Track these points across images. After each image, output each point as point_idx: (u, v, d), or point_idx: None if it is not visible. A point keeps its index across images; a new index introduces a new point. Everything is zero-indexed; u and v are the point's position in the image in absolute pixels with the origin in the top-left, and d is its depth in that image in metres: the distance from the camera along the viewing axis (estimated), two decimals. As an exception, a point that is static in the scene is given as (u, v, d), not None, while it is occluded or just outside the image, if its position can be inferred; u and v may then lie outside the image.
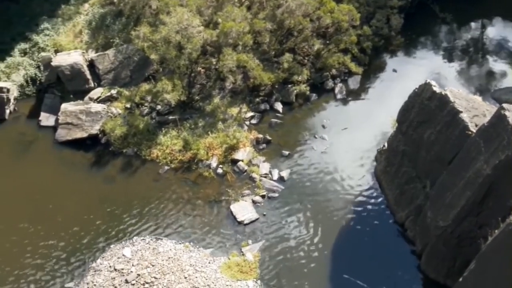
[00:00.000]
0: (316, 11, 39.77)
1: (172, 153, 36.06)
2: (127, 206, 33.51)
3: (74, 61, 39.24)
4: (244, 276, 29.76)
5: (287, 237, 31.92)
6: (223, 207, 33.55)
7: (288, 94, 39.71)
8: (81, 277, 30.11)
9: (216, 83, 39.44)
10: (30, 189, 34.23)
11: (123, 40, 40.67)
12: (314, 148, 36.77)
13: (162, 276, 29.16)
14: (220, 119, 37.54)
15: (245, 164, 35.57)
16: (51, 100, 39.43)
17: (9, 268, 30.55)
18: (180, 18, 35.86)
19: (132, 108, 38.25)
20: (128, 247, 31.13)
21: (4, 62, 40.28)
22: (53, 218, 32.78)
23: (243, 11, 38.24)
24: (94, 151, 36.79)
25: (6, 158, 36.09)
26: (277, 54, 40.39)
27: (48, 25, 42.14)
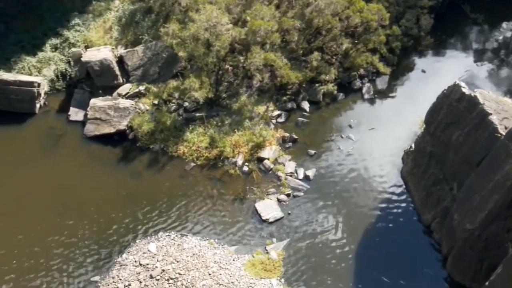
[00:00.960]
0: (345, 10, 39.65)
1: (198, 150, 36.24)
2: (153, 201, 33.76)
3: (104, 57, 39.62)
4: (268, 274, 29.82)
5: (312, 236, 31.90)
6: (248, 205, 33.64)
7: (315, 93, 39.65)
8: (107, 271, 30.44)
9: (243, 81, 39.52)
10: (58, 183, 34.65)
11: (152, 37, 40.97)
12: (341, 148, 36.66)
13: (187, 272, 29.34)
14: (247, 117, 37.63)
15: (271, 163, 35.60)
16: (81, 95, 39.85)
17: (37, 260, 30.99)
18: (209, 15, 36.01)
19: (160, 105, 38.51)
20: (153, 243, 31.38)
21: (35, 57, 40.79)
22: (80, 212, 33.15)
23: (272, 10, 38.23)
24: (121, 147, 37.11)
25: (36, 151, 36.57)
26: (305, 53, 40.34)
27: (79, 21, 42.64)
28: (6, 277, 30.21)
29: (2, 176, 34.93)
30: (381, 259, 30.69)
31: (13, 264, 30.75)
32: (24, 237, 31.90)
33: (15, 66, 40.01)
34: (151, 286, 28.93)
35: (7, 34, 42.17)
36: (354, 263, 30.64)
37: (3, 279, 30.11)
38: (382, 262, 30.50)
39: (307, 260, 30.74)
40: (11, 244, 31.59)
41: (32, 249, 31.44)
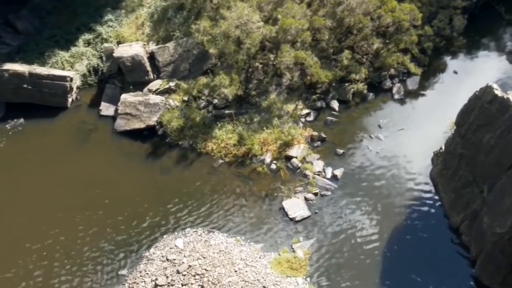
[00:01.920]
0: (376, 10, 39.43)
1: (226, 147, 36.39)
2: (181, 197, 34.01)
3: (135, 52, 40.00)
4: (294, 273, 29.84)
5: (339, 236, 31.82)
6: (275, 203, 33.69)
7: (345, 92, 39.51)
8: (134, 265, 30.78)
9: (273, 79, 39.53)
10: (88, 177, 35.11)
11: (183, 34, 41.24)
12: (369, 148, 36.48)
13: (213, 269, 29.51)
14: (276, 115, 37.66)
15: (298, 161, 35.60)
16: (112, 91, 40.29)
17: (66, 253, 31.47)
18: (240, 13, 36.11)
19: (190, 101, 38.73)
20: (180, 238, 31.63)
21: (68, 52, 41.39)
22: (109, 206, 33.57)
23: (303, 8, 38.21)
24: (151, 142, 37.42)
25: (67, 145, 37.12)
26: (336, 52, 40.21)
27: (111, 17, 43.15)
28: (38, 264, 30.82)
29: (36, 168, 35.56)
30: (409, 260, 30.49)
31: (44, 254, 31.31)
32: (55, 228, 32.41)
33: (48, 60, 40.65)
34: (178, 281, 29.16)
35: (41, 29, 42.95)
36: (381, 263, 30.50)
37: (36, 266, 30.72)
38: (410, 264, 30.30)
39: (333, 260, 30.69)
40: (43, 234, 32.15)
41: (62, 240, 31.95)
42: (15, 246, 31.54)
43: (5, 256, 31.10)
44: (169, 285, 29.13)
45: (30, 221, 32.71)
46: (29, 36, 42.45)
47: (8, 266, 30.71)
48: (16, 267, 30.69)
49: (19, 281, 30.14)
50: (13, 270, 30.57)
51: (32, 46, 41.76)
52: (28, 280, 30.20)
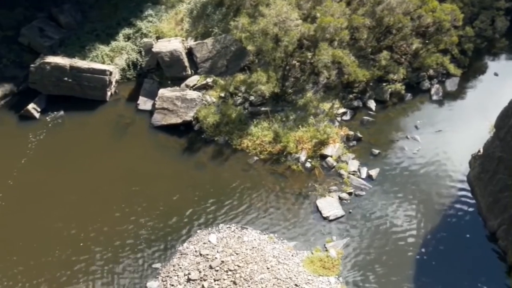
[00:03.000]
0: (417, 10, 39.00)
1: (262, 144, 36.49)
2: (215, 193, 34.25)
3: (174, 48, 40.35)
4: (326, 272, 29.81)
5: (372, 236, 31.68)
6: (309, 201, 33.69)
7: (382, 92, 39.25)
8: (168, 259, 31.14)
9: (310, 77, 39.49)
10: (125, 170, 35.65)
11: (221, 30, 41.46)
12: (406, 149, 36.17)
13: (245, 265, 29.66)
14: (312, 113, 37.63)
15: (333, 160, 35.50)
16: (150, 85, 40.75)
17: (101, 245, 32.00)
18: (279, 10, 36.17)
19: (226, 97, 38.93)
20: (214, 234, 31.87)
21: (108, 46, 42.04)
22: (145, 200, 34.01)
23: (342, 7, 38.07)
24: (187, 137, 37.74)
25: (106, 138, 37.74)
26: (374, 51, 39.95)
27: (151, 12, 43.63)
28: (75, 255, 31.40)
29: (74, 160, 36.22)
30: (442, 263, 30.22)
31: (81, 245, 31.89)
32: (92, 220, 32.97)
33: (89, 54, 41.35)
34: (210, 276, 29.39)
35: (83, 23, 43.75)
36: (415, 265, 30.26)
37: (73, 256, 31.36)
38: (443, 267, 30.03)
39: (366, 260, 30.56)
40: (79, 225, 32.77)
41: (99, 232, 32.50)
42: (52, 237, 32.20)
43: (44, 245, 31.79)
44: (202, 280, 29.39)
45: (67, 213, 33.35)
46: (71, 29, 43.24)
47: (47, 255, 31.39)
48: (53, 256, 31.36)
49: (59, 268, 30.78)
50: (50, 259, 31.26)
51: (73, 39, 42.54)
52: (66, 269, 30.81)
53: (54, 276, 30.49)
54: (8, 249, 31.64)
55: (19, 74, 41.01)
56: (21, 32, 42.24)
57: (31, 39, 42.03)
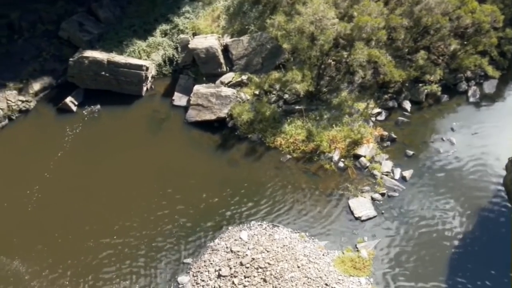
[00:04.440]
0: (456, 10, 38.40)
1: (295, 143, 36.48)
2: (248, 190, 34.39)
3: (210, 45, 40.57)
4: (357, 272, 29.72)
5: (404, 238, 31.44)
6: (341, 201, 33.58)
7: (418, 93, 38.86)
8: (199, 255, 31.42)
9: (345, 77, 39.32)
10: (159, 165, 36.01)
11: (258, 28, 41.54)
12: (441, 151, 35.75)
13: (276, 263, 29.74)
14: (346, 112, 37.48)
15: (367, 160, 35.32)
16: (185, 81, 41.05)
17: (134, 239, 32.46)
18: (316, 9, 36.01)
19: (261, 95, 39.01)
20: (245, 231, 32.01)
21: (146, 41, 42.49)
22: (178, 194, 34.36)
23: (380, 6, 37.73)
24: (220, 134, 37.93)
25: (141, 133, 38.17)
26: (411, 51, 39.56)
27: (189, 9, 43.97)
28: (108, 248, 31.99)
29: (109, 154, 36.80)
30: (475, 267, 29.86)
31: (114, 238, 32.42)
32: (126, 213, 33.49)
33: (126, 49, 41.86)
34: (241, 273, 29.56)
35: (121, 18, 44.30)
36: (447, 269, 29.95)
37: (106, 249, 31.94)
38: (477, 272, 29.65)
39: (398, 262, 30.37)
40: (114, 219, 33.33)
41: (132, 225, 32.99)
42: (86, 229, 32.80)
43: (78, 237, 32.39)
44: (232, 276, 29.58)
45: (101, 206, 33.91)
46: (110, 24, 43.83)
47: (80, 247, 32.00)
48: (86, 248, 31.92)
49: (91, 260, 31.38)
50: (83, 251, 31.86)
51: (111, 34, 43.12)
52: (99, 262, 31.39)
53: (86, 268, 31.05)
54: (44, 240, 32.33)
55: (58, 68, 41.79)
56: (61, 26, 43.00)
57: (70, 34, 42.76)
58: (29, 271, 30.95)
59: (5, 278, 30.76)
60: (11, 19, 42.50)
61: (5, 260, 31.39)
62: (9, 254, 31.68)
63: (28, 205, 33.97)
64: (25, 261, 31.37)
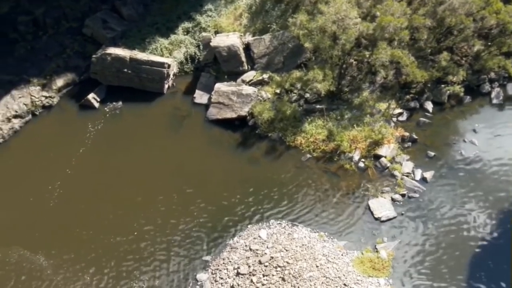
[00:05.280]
0: (480, 11, 37.99)
1: (315, 142, 36.45)
2: (267, 189, 34.43)
3: (232, 43, 40.65)
4: (376, 273, 29.65)
5: (424, 240, 31.27)
6: (361, 201, 33.50)
7: (440, 94, 38.57)
8: (218, 252, 31.59)
9: (366, 77, 39.17)
10: (180, 162, 36.25)
11: (280, 26, 41.52)
12: (462, 153, 35.44)
13: (295, 262, 29.77)
14: (367, 113, 37.35)
15: (387, 161, 35.16)
16: (206, 79, 41.19)
17: (154, 235, 32.73)
18: (338, 8, 35.92)
19: (282, 94, 39.01)
20: (264, 229, 32.08)
21: (168, 39, 42.70)
22: (197, 192, 34.55)
23: (403, 6, 37.46)
24: (241, 132, 38.04)
25: (162, 130, 38.43)
26: (433, 52, 39.25)
27: (211, 7, 44.12)
28: (128, 244, 32.30)
29: (131, 151, 37.13)
30: (498, 269, 29.65)
31: (135, 234, 32.74)
32: (146, 210, 33.78)
33: (149, 46, 42.13)
34: (259, 271, 29.64)
35: (145, 15, 44.62)
36: (468, 272, 29.72)
37: (128, 241, 32.33)
38: (499, 273, 29.45)
39: (418, 263, 30.25)
40: (132, 215, 33.66)
41: (153, 221, 33.28)
42: (106, 225, 33.17)
43: (99, 233, 32.78)
44: (251, 275, 29.67)
45: (121, 203, 34.26)
46: (133, 22, 44.18)
47: (100, 242, 32.38)
48: (106, 244, 32.28)
49: (112, 256, 31.76)
50: (104, 247, 32.24)
51: (134, 32, 43.43)
52: (119, 257, 31.70)
53: (107, 262, 31.40)
54: (66, 235, 32.73)
55: (82, 64, 42.27)
56: (85, 23, 43.48)
57: (94, 30, 43.18)
58: (52, 265, 31.38)
59: (29, 271, 31.29)
60: (36, 16, 43.02)
61: (28, 254, 31.86)
62: (32, 248, 32.15)
63: (50, 200, 34.43)
64: (47, 255, 31.85)
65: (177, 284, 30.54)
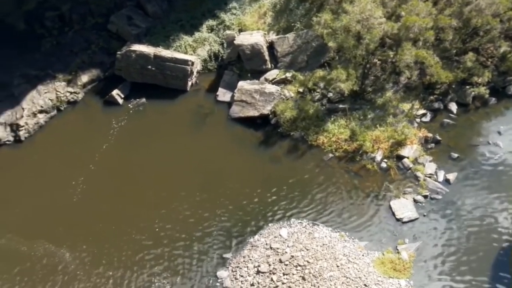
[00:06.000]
0: (507, 12, 37.55)
1: (337, 142, 36.36)
2: (289, 188, 34.43)
3: (255, 41, 40.70)
4: (397, 274, 29.51)
5: (447, 243, 31.01)
6: (383, 202, 33.35)
7: (464, 95, 38.22)
8: (239, 250, 31.68)
9: (390, 77, 38.95)
10: (202, 159, 36.43)
11: (304, 25, 41.46)
12: (486, 155, 35.09)
13: (315, 261, 29.75)
14: (390, 113, 37.15)
15: (410, 162, 34.96)
16: (230, 77, 41.31)
17: (175, 231, 32.94)
18: (363, 8, 35.74)
19: (304, 93, 38.97)
20: (285, 228, 32.10)
21: (192, 36, 42.93)
22: (219, 189, 34.68)
23: (429, 6, 37.16)
24: (263, 131, 38.08)
25: (184, 127, 38.65)
26: (459, 53, 38.86)
27: (236, 5, 44.27)
28: (149, 241, 32.55)
29: (154, 147, 37.36)
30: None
31: (156, 230, 32.98)
32: (168, 206, 34.00)
33: (173, 43, 42.36)
34: (280, 270, 29.69)
35: (169, 12, 44.86)
36: (491, 276, 29.39)
37: (150, 237, 32.57)
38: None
39: (439, 265, 30.02)
40: (154, 211, 33.88)
41: (174, 217, 33.49)
42: (128, 221, 33.48)
43: (121, 229, 33.12)
44: (271, 273, 29.73)
45: (143, 199, 34.54)
46: (157, 19, 44.49)
47: (122, 238, 32.71)
48: (128, 240, 32.59)
49: (134, 252, 32.03)
50: (125, 242, 32.53)
51: (159, 28, 43.74)
52: (140, 253, 31.96)
53: (128, 258, 31.68)
54: (88, 231, 33.10)
55: (106, 60, 42.69)
56: (111, 19, 43.88)
57: (119, 27, 43.54)
58: (75, 259, 31.73)
59: (53, 266, 31.67)
60: (62, 12, 43.56)
61: (53, 248, 32.25)
62: (56, 242, 32.54)
63: (74, 196, 34.79)
64: (71, 250, 32.20)
65: (198, 281, 30.70)
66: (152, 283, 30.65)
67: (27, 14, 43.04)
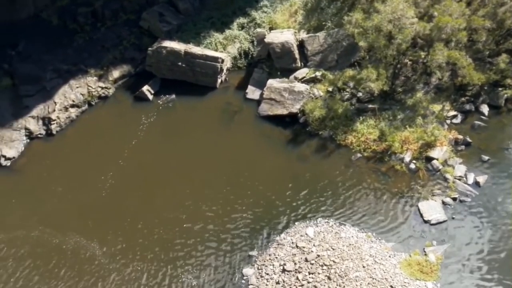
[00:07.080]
0: (543, 13, 37.04)
1: (366, 142, 36.19)
2: (316, 187, 34.37)
3: (286, 39, 40.68)
4: (424, 276, 29.25)
5: (475, 246, 30.67)
6: (411, 203, 33.09)
7: (497, 97, 37.75)
8: (265, 248, 31.70)
9: (421, 77, 38.62)
10: (230, 157, 36.53)
11: (334, 24, 41.34)
12: (518, 158, 34.69)
13: (341, 261, 29.66)
14: (420, 114, 36.85)
15: (439, 163, 34.63)
16: (259, 75, 41.36)
17: (202, 228, 33.04)
18: (395, 7, 35.53)
19: (334, 92, 38.84)
20: (311, 227, 32.06)
21: (223, 34, 43.08)
22: (246, 186, 34.75)
23: (462, 7, 36.78)
24: (291, 129, 38.06)
25: (213, 124, 38.79)
26: (492, 54, 38.39)
27: (267, 3, 44.32)
28: (176, 238, 32.76)
29: (182, 144, 37.60)
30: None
31: (184, 226, 33.13)
32: (196, 203, 34.17)
33: (203, 40, 42.55)
34: (305, 269, 29.65)
35: (200, 10, 45.09)
36: (516, 282, 29.14)
37: (178, 233, 32.76)
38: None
39: (467, 270, 29.70)
40: (183, 205, 34.06)
41: (202, 214, 33.62)
42: (156, 216, 33.66)
43: (149, 225, 33.34)
44: (297, 272, 29.72)
45: (171, 195, 34.75)
46: (188, 16, 44.69)
47: (150, 234, 32.93)
48: (156, 236, 32.82)
49: (161, 248, 32.26)
50: (153, 238, 32.77)
51: (190, 26, 43.93)
52: (168, 249, 32.20)
53: (156, 253, 31.89)
54: (117, 225, 33.41)
55: (137, 57, 43.06)
56: (142, 16, 44.23)
57: (151, 23, 43.88)
58: (105, 253, 32.05)
59: (84, 259, 31.91)
60: (95, 8, 44.01)
61: (84, 242, 32.61)
62: (87, 235, 32.87)
63: (103, 190, 35.14)
64: (101, 243, 32.49)
65: (224, 277, 30.80)
66: (180, 277, 30.82)
67: (61, 10, 43.68)
